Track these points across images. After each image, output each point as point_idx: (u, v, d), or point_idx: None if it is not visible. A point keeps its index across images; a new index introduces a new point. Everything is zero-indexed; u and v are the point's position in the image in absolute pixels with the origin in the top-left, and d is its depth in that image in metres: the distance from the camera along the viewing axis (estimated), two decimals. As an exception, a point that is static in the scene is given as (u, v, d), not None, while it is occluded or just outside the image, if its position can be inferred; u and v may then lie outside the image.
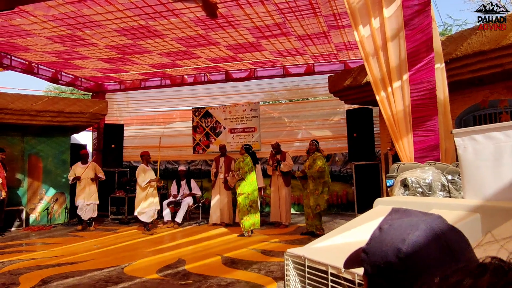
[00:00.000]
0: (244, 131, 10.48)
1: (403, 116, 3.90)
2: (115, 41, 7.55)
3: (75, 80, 10.55)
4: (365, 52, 4.16)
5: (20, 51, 8.23)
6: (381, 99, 4.10)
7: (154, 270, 4.58)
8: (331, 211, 9.72)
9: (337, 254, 1.62)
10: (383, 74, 4.04)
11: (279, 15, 6.63)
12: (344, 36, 7.70)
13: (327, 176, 6.69)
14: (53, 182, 9.21)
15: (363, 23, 4.12)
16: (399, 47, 3.95)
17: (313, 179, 6.70)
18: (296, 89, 10.87)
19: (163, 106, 11.80)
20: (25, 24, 6.69)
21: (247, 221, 6.73)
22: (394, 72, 3.95)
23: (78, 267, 4.79)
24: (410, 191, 2.62)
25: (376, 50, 4.06)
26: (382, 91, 4.07)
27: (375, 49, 4.08)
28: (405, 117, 3.89)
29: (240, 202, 6.78)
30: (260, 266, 4.62)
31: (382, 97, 4.07)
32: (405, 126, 3.87)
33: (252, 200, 6.82)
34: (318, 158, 6.71)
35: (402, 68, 3.91)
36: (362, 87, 6.97)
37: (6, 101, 8.13)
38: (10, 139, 8.80)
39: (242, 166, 6.87)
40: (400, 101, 3.93)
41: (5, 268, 4.80)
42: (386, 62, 4.00)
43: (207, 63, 9.27)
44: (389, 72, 3.99)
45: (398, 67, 3.95)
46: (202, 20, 6.67)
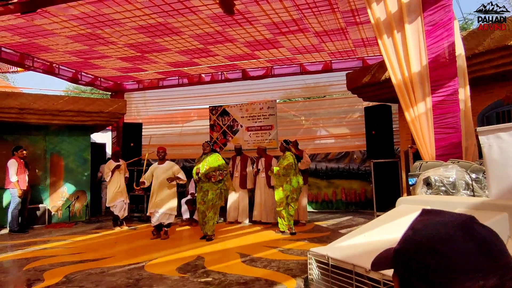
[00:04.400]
0: (261, 129, 10.49)
1: (424, 113, 3.84)
2: (133, 39, 7.64)
3: (95, 80, 10.72)
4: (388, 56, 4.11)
5: (41, 52, 8.41)
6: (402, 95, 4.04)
7: (174, 267, 4.63)
8: (349, 209, 9.67)
9: (361, 254, 1.61)
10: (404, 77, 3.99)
11: (296, 11, 6.60)
12: (362, 32, 7.62)
13: (292, 176, 6.86)
14: (74, 180, 9.38)
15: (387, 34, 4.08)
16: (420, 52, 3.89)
17: (278, 177, 6.96)
18: (313, 86, 10.81)
19: (180, 104, 11.90)
20: (46, 24, 6.83)
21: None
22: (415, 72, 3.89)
23: (100, 264, 4.87)
24: (433, 189, 2.58)
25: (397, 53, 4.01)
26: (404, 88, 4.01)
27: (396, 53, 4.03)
28: (426, 115, 3.83)
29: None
30: (279, 264, 4.62)
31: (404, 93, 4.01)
32: (426, 123, 3.81)
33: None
34: (285, 157, 7.02)
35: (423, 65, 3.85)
36: (381, 83, 6.89)
37: (29, 101, 8.32)
38: (33, 138, 9.00)
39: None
40: (421, 98, 3.87)
41: (30, 264, 4.92)
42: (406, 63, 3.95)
43: (224, 61, 9.29)
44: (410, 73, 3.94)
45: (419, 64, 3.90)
46: (219, 16, 6.70)
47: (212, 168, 6.42)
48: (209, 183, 6.39)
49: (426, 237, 0.70)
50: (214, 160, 6.53)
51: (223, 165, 6.56)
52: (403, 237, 0.78)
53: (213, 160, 6.53)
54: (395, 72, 4.09)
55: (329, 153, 10.10)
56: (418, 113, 3.91)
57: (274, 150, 9.73)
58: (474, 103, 4.27)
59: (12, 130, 8.72)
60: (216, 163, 6.50)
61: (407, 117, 4.02)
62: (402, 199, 2.33)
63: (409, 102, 3.99)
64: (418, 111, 3.90)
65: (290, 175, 6.83)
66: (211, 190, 6.38)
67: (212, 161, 6.51)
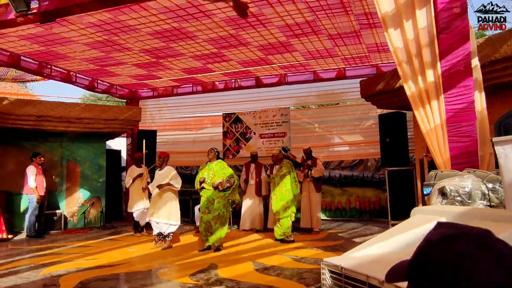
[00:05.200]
0: (274, 136, 10.49)
1: (439, 120, 3.80)
2: (148, 45, 7.76)
3: (111, 88, 10.89)
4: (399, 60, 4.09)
5: (59, 60, 8.58)
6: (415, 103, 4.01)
7: (187, 274, 4.65)
8: (363, 217, 9.58)
9: (375, 265, 1.60)
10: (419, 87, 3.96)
11: (310, 12, 6.63)
12: (376, 36, 7.59)
13: (288, 184, 6.87)
14: (89, 187, 9.51)
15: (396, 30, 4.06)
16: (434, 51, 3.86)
17: (274, 185, 7.00)
18: (326, 94, 10.79)
19: (194, 112, 12.00)
20: (64, 32, 6.99)
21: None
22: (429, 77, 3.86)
23: (115, 270, 4.92)
24: (449, 199, 2.54)
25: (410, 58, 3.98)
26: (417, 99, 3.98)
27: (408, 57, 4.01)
28: (441, 123, 3.78)
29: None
30: (292, 272, 4.60)
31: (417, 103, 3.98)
32: (441, 132, 3.77)
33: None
34: (284, 165, 7.05)
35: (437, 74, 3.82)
36: (395, 91, 6.84)
37: (46, 109, 8.51)
38: (50, 145, 9.18)
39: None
40: (436, 106, 3.83)
41: (46, 270, 4.99)
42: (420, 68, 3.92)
43: (237, 66, 9.33)
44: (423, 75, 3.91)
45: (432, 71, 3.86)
46: (233, 19, 6.77)
47: (218, 177, 6.16)
48: (215, 191, 6.10)
49: (441, 250, 0.70)
50: (220, 168, 6.26)
51: (231, 174, 6.26)
52: (417, 249, 0.77)
53: (219, 168, 6.26)
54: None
55: (342, 160, 10.04)
56: (432, 122, 3.87)
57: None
58: (490, 111, 4.19)
59: (30, 137, 8.91)
60: (222, 171, 6.23)
61: (421, 126, 3.98)
62: (417, 209, 2.30)
63: (423, 112, 3.96)
64: (433, 120, 3.86)
65: (287, 184, 6.85)
66: (217, 198, 6.09)
67: (218, 169, 6.25)
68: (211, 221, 6.02)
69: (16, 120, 8.22)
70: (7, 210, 8.28)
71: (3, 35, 7.04)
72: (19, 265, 5.32)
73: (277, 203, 6.82)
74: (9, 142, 8.73)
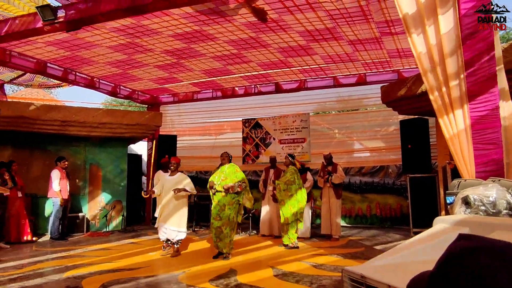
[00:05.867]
0: (294, 142, 10.48)
1: (463, 128, 3.73)
2: (170, 46, 7.89)
3: (132, 93, 11.09)
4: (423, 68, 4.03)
5: (83, 65, 8.81)
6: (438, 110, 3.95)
7: (206, 279, 4.67)
8: (384, 224, 9.45)
9: (397, 274, 1.58)
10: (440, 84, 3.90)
11: (330, 20, 6.63)
12: (397, 42, 7.52)
13: (295, 189, 6.89)
14: (111, 190, 9.69)
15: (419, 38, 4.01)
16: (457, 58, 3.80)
17: (280, 191, 7.02)
18: (346, 99, 10.72)
19: (213, 117, 12.09)
20: (88, 36, 7.20)
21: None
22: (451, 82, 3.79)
23: (135, 273, 4.98)
24: (472, 209, 2.49)
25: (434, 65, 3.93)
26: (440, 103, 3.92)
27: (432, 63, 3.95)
28: (465, 130, 3.71)
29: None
30: (312, 280, 4.57)
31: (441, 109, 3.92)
32: (465, 139, 3.70)
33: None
34: (289, 171, 7.09)
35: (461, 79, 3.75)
36: (417, 97, 6.75)
37: (71, 114, 8.73)
38: (74, 149, 9.40)
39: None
40: (460, 113, 3.76)
41: (69, 272, 5.10)
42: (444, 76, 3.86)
43: (257, 69, 9.37)
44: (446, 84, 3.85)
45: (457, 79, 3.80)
46: (253, 24, 6.84)
47: (229, 180, 6.00)
48: (226, 197, 5.97)
49: (463, 263, 0.69)
50: (231, 172, 6.08)
51: (242, 179, 6.09)
52: (439, 262, 0.77)
53: (231, 172, 6.08)
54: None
55: (363, 167, 9.94)
56: (456, 128, 3.80)
57: (307, 163, 9.68)
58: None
59: (55, 142, 9.15)
60: (234, 174, 6.06)
61: (445, 133, 3.91)
62: (439, 218, 2.26)
63: (447, 120, 3.89)
64: (456, 126, 3.80)
65: (292, 190, 6.88)
66: (228, 204, 5.95)
67: (229, 172, 6.08)
68: (221, 226, 5.90)
69: (42, 125, 8.46)
70: (32, 213, 8.51)
71: (31, 42, 7.28)
72: (43, 267, 5.46)
73: (285, 209, 6.85)
74: (35, 146, 8.99)
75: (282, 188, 6.96)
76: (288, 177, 7.01)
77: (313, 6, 6.11)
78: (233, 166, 6.21)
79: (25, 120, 8.24)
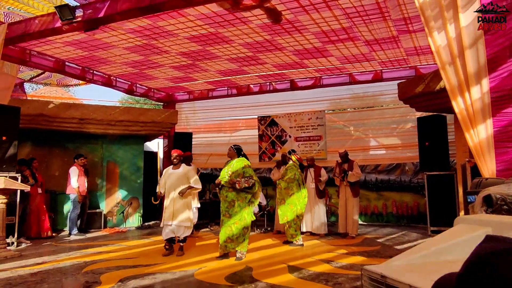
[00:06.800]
0: (310, 140, 10.44)
1: (484, 127, 3.66)
2: (185, 48, 7.93)
3: (148, 91, 11.19)
4: (441, 61, 3.96)
5: (101, 64, 8.92)
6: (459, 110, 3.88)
7: (222, 276, 4.69)
8: (400, 222, 9.35)
9: (417, 274, 1.56)
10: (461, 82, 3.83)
11: (346, 19, 6.56)
12: (415, 40, 7.40)
13: (295, 188, 6.84)
14: (128, 187, 9.81)
15: (438, 31, 3.94)
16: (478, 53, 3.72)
17: (280, 190, 6.97)
18: (362, 96, 10.62)
19: (229, 115, 12.11)
20: (105, 37, 7.28)
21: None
22: (472, 80, 3.72)
23: (152, 269, 5.04)
24: (495, 208, 2.44)
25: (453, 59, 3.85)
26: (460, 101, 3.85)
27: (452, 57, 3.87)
28: (486, 128, 3.64)
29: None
30: (328, 278, 4.55)
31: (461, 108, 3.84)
32: (486, 137, 3.63)
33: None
34: (289, 168, 7.03)
35: (482, 76, 3.68)
36: (435, 94, 6.65)
37: (89, 112, 8.86)
38: (91, 147, 9.55)
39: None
40: (480, 111, 3.69)
41: (88, 267, 5.19)
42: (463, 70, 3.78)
43: (272, 69, 9.36)
44: (467, 81, 3.77)
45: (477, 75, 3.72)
46: (268, 26, 6.81)
47: (235, 173, 5.62)
48: (235, 193, 5.60)
49: (493, 265, 0.68)
50: (239, 166, 5.69)
51: (250, 175, 5.67)
52: (467, 263, 0.76)
53: (239, 166, 5.69)
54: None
55: (379, 164, 9.85)
56: (477, 126, 3.73)
57: (324, 161, 9.65)
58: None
59: (73, 139, 9.30)
60: (242, 169, 5.66)
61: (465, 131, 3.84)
62: (460, 218, 2.22)
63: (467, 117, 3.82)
64: (477, 124, 3.72)
65: (293, 188, 6.84)
66: (237, 201, 5.60)
67: (236, 166, 5.70)
68: (232, 226, 5.56)
69: (61, 122, 8.61)
70: (51, 209, 8.67)
71: (50, 42, 7.40)
72: (62, 262, 5.56)
73: (285, 208, 6.85)
74: (53, 144, 9.15)
75: (283, 187, 6.93)
76: (289, 175, 6.96)
77: (329, 4, 6.05)
78: (242, 160, 5.79)
79: (45, 118, 8.40)
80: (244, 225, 5.62)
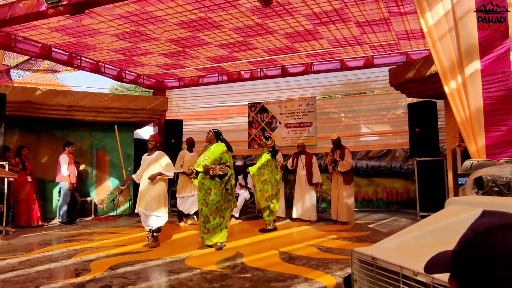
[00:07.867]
0: (300, 126, 10.42)
1: (474, 110, 3.65)
2: (175, 34, 7.81)
3: (138, 78, 11.04)
4: (433, 39, 3.94)
5: (88, 51, 8.75)
6: (450, 91, 3.87)
7: (213, 262, 4.69)
8: (390, 208, 9.43)
9: (409, 255, 1.55)
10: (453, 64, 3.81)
11: (338, 1, 6.49)
12: (406, 23, 7.36)
13: (268, 174, 6.85)
14: (118, 175, 9.72)
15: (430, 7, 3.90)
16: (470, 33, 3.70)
17: (254, 177, 6.97)
18: (353, 82, 10.60)
19: (219, 101, 12.03)
20: (93, 24, 7.12)
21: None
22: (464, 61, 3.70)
23: (142, 257, 5.01)
24: (485, 190, 2.44)
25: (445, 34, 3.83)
26: (451, 82, 3.84)
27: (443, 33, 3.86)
28: (477, 111, 3.64)
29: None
30: (318, 263, 4.57)
31: (452, 89, 3.84)
32: (477, 120, 3.62)
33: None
34: (263, 155, 7.06)
35: (474, 58, 3.66)
36: (426, 79, 6.66)
37: (76, 99, 8.71)
38: (80, 134, 9.42)
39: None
40: (472, 94, 3.68)
41: (77, 255, 5.15)
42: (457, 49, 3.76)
43: (263, 55, 9.27)
44: (459, 63, 3.76)
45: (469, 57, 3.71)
46: (259, 9, 6.71)
47: (212, 159, 5.30)
48: (211, 180, 5.28)
49: (491, 240, 0.66)
50: (217, 151, 5.37)
51: (225, 159, 5.33)
52: (462, 239, 0.73)
53: (217, 151, 5.38)
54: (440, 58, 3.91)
55: (370, 150, 9.88)
56: (467, 109, 3.72)
57: (313, 147, 9.64)
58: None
59: (61, 127, 9.16)
60: (220, 155, 5.33)
61: (456, 117, 3.83)
62: (452, 199, 2.22)
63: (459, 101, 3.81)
64: (468, 107, 3.72)
65: (265, 174, 6.84)
66: (214, 188, 5.26)
67: (215, 151, 5.40)
68: (209, 215, 5.29)
69: (48, 110, 8.46)
70: (40, 197, 8.57)
71: (36, 27, 7.22)
72: (52, 250, 5.50)
73: (257, 193, 6.87)
74: (41, 131, 9.00)
75: (256, 174, 6.90)
76: (262, 161, 6.94)
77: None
78: (220, 145, 5.47)
79: (32, 105, 8.24)
80: (221, 214, 5.37)
